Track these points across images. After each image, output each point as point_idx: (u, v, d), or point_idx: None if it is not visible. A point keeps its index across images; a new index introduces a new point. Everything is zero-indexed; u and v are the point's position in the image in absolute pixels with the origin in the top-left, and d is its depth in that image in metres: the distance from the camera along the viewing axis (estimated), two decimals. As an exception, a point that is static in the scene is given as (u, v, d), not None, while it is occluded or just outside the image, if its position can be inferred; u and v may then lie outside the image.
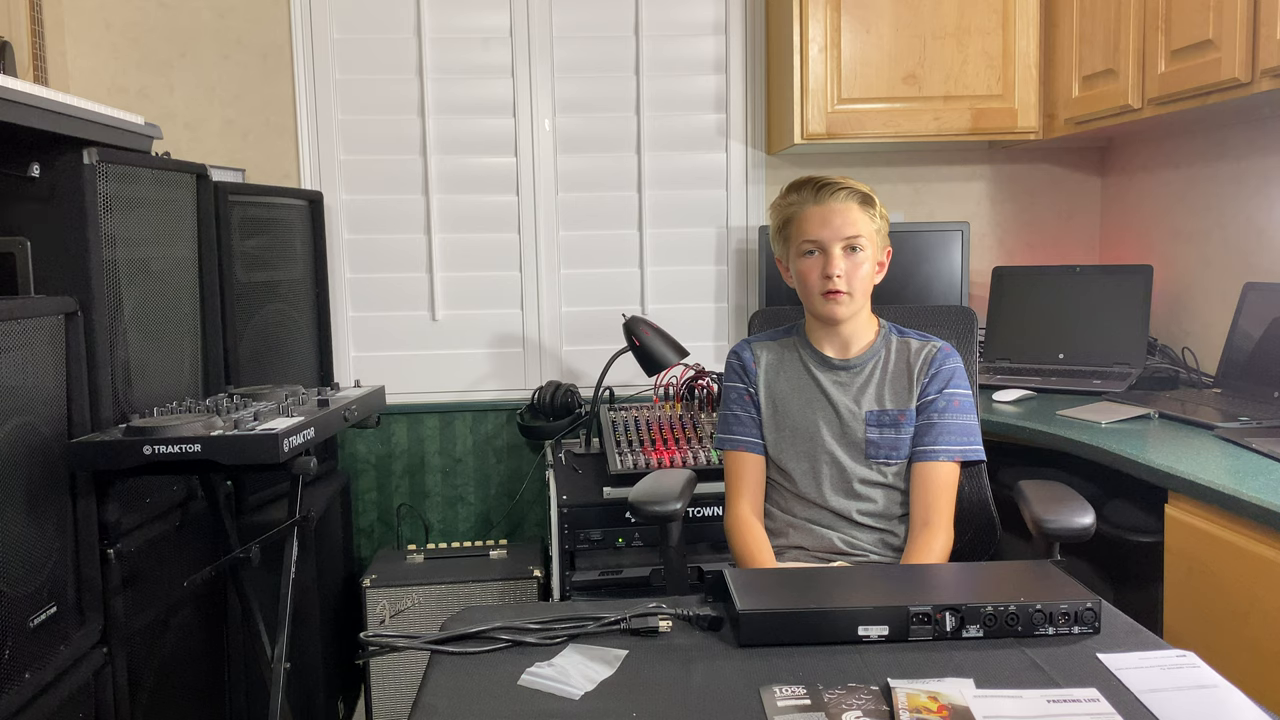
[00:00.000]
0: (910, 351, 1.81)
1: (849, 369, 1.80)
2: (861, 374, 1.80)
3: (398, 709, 2.52)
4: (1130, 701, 1.10)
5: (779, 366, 1.85)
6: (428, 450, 2.99)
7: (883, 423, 1.77)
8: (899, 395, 1.79)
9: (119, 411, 1.80)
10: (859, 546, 1.77)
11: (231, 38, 2.82)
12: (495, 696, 1.17)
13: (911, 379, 1.79)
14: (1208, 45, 2.01)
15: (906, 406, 1.78)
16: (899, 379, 1.80)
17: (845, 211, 1.73)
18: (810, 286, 1.76)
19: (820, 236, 1.73)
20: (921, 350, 1.81)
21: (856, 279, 1.73)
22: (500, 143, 2.93)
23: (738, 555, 1.79)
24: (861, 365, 1.80)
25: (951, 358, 1.80)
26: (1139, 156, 2.89)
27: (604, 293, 2.99)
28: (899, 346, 1.82)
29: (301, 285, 2.64)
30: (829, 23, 2.62)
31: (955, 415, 1.77)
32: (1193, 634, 1.69)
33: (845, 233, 1.72)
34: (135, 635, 1.83)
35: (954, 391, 1.78)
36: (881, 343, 1.82)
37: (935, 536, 1.70)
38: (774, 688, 1.14)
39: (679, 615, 1.34)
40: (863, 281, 1.74)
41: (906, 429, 1.77)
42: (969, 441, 1.77)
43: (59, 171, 1.70)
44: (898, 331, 1.85)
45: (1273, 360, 2.17)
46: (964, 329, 2.01)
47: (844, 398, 1.80)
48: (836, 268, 1.72)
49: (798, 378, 1.83)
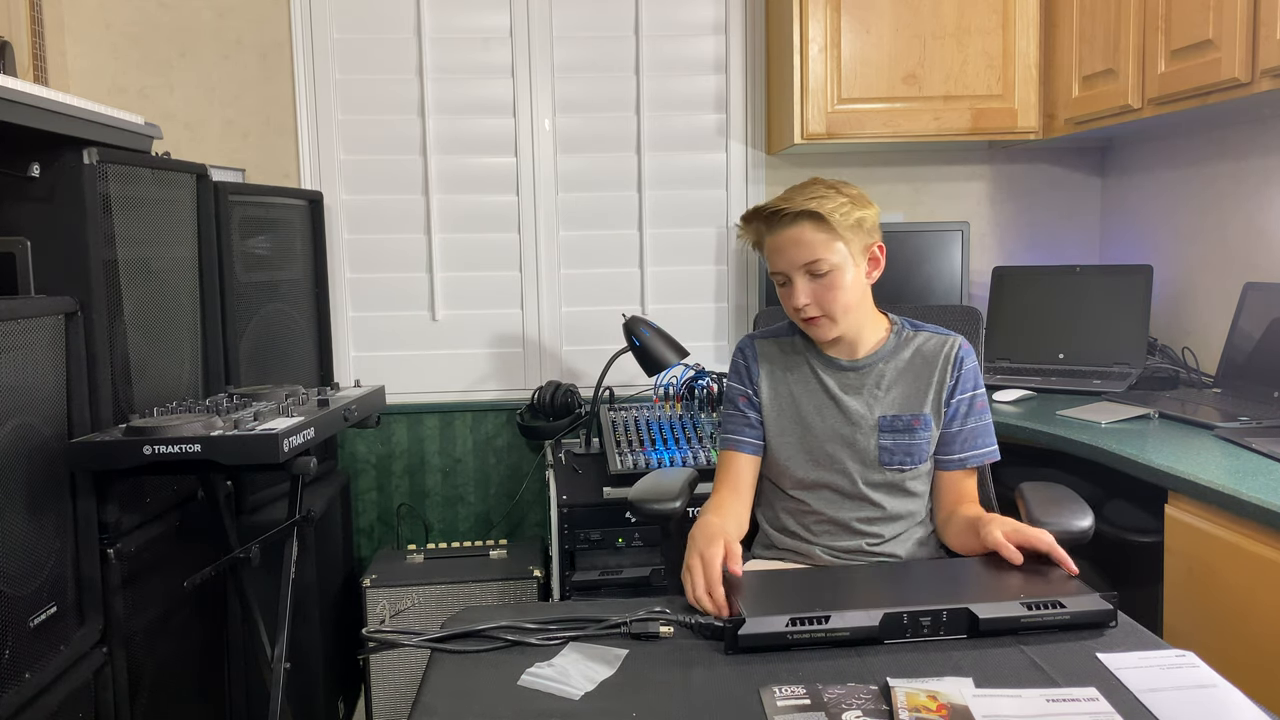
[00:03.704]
0: (930, 349, 1.73)
1: (858, 370, 1.73)
2: (871, 374, 1.72)
3: (398, 708, 2.52)
4: (1130, 701, 1.10)
5: (786, 367, 1.78)
6: (428, 450, 2.99)
7: (896, 428, 1.70)
8: (915, 398, 1.71)
9: (119, 411, 1.80)
10: (851, 551, 1.73)
11: (231, 38, 2.82)
12: (495, 696, 1.17)
13: (931, 380, 1.71)
14: (1208, 45, 2.01)
15: (921, 410, 1.70)
16: (917, 380, 1.72)
17: (798, 237, 1.62)
18: (790, 313, 1.71)
19: (780, 268, 1.66)
20: (942, 348, 1.73)
21: (829, 301, 1.64)
22: (500, 143, 2.93)
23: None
24: (871, 365, 1.73)
25: (970, 354, 1.74)
26: (1139, 156, 2.89)
27: (604, 293, 2.99)
28: (915, 343, 1.74)
29: (301, 285, 2.64)
30: (829, 23, 2.62)
31: (979, 418, 1.73)
32: (1193, 634, 1.69)
33: (801, 260, 1.63)
34: (135, 635, 1.83)
35: (978, 393, 1.73)
36: (894, 340, 1.74)
37: (972, 507, 1.68)
38: (774, 688, 1.14)
39: (680, 622, 1.34)
40: (840, 299, 1.64)
41: (923, 433, 1.69)
42: (990, 442, 1.74)
43: (59, 171, 1.70)
44: (912, 326, 1.77)
45: (1273, 360, 2.17)
46: (969, 329, 2.00)
47: (854, 402, 1.72)
48: (800, 299, 1.64)
49: (805, 381, 1.76)
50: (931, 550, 1.77)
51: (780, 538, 1.79)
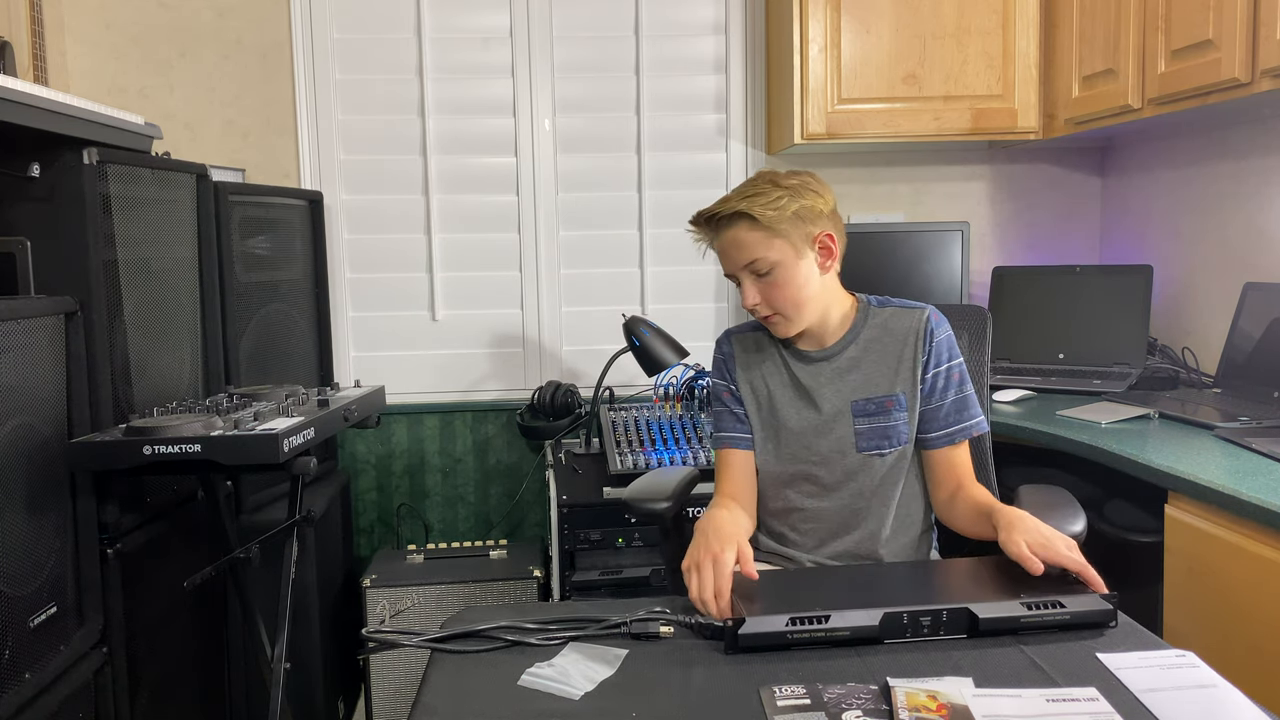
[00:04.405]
0: (898, 325, 1.68)
1: (828, 359, 1.69)
2: (841, 359, 1.69)
3: (397, 708, 2.52)
4: (1129, 701, 1.10)
5: (760, 361, 1.75)
6: (428, 450, 2.99)
7: (869, 411, 1.67)
8: (886, 378, 1.67)
9: (119, 411, 1.80)
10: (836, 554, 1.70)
11: (231, 38, 2.82)
12: (495, 696, 1.17)
13: (901, 357, 1.67)
14: (1208, 45, 2.01)
15: (893, 390, 1.66)
16: (886, 359, 1.67)
17: (736, 239, 1.61)
18: (749, 312, 1.69)
19: (727, 270, 1.66)
20: (911, 322, 1.68)
21: (778, 299, 1.62)
22: (500, 143, 2.93)
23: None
24: (840, 351, 1.69)
25: (942, 325, 1.68)
26: (1139, 156, 2.89)
27: (604, 293, 2.99)
28: (883, 320, 1.69)
29: (301, 285, 2.64)
30: (829, 23, 2.62)
31: (960, 389, 1.67)
32: (1193, 634, 1.69)
33: (742, 261, 1.62)
34: (135, 635, 1.83)
35: (954, 364, 1.67)
36: (860, 319, 1.70)
37: (976, 489, 1.63)
38: (774, 688, 1.14)
39: (680, 622, 1.33)
40: (789, 296, 1.62)
41: (898, 414, 1.66)
42: (976, 414, 1.68)
43: (59, 171, 1.70)
44: (879, 303, 1.72)
45: (1273, 360, 2.17)
46: (977, 328, 1.99)
47: (826, 391, 1.68)
48: (748, 299, 1.63)
49: (778, 373, 1.73)
50: (925, 553, 1.75)
51: (766, 540, 1.77)
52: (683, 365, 2.64)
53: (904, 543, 1.71)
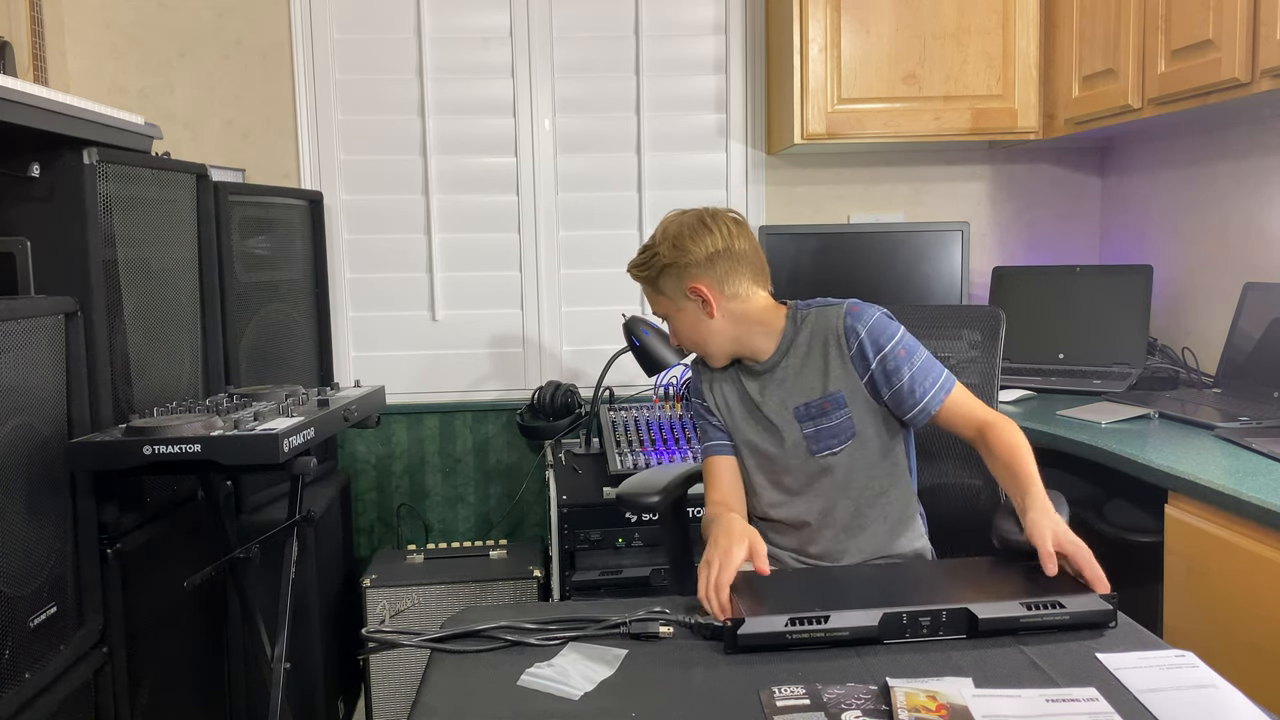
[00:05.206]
0: (819, 325, 1.69)
1: (769, 370, 1.73)
2: (780, 370, 1.71)
3: (398, 708, 2.52)
4: (1129, 701, 1.10)
5: (722, 378, 1.79)
6: (428, 450, 2.99)
7: (811, 414, 1.69)
8: (818, 380, 1.68)
9: (119, 411, 1.80)
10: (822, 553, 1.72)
11: (231, 38, 2.83)
12: (495, 696, 1.17)
13: (828, 357, 1.67)
14: (1208, 45, 2.01)
15: (828, 391, 1.67)
16: (814, 362, 1.69)
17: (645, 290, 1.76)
18: None
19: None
20: (830, 321, 1.68)
21: (685, 341, 1.74)
22: (500, 143, 2.93)
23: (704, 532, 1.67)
24: (778, 361, 1.71)
25: (863, 314, 1.66)
26: (1139, 156, 2.89)
27: (604, 293, 2.99)
28: (810, 324, 1.70)
29: (301, 285, 2.64)
30: (829, 23, 2.62)
31: (910, 363, 1.64)
32: (1192, 634, 1.69)
33: (652, 311, 1.77)
34: (135, 635, 1.83)
35: (895, 342, 1.64)
36: (790, 328, 1.71)
37: (997, 430, 1.62)
38: (773, 688, 1.14)
39: (680, 622, 1.34)
40: (691, 338, 1.72)
41: (838, 412, 1.67)
42: (939, 375, 1.66)
43: (59, 171, 1.70)
44: (804, 307, 1.73)
45: (1273, 360, 2.17)
46: (991, 329, 1.97)
47: (771, 401, 1.72)
48: (671, 339, 1.78)
49: (734, 389, 1.78)
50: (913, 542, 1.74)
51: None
52: (682, 365, 2.63)
53: (884, 531, 1.71)
